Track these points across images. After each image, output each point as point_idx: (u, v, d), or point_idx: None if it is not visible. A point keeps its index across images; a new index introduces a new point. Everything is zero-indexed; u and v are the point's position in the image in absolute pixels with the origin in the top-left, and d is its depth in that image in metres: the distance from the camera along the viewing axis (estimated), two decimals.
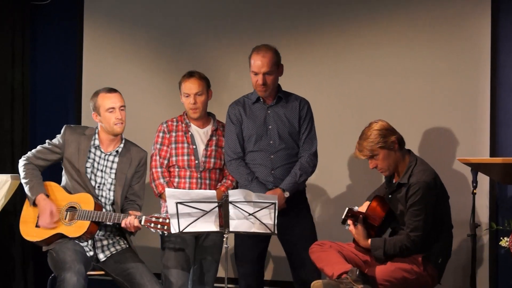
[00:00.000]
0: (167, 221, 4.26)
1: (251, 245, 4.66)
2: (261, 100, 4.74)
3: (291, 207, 4.61)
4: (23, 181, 4.56)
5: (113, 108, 4.54)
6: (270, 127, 4.70)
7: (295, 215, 4.65)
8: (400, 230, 4.32)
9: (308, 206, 4.79)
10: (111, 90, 4.60)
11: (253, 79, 4.67)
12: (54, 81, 6.31)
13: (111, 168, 4.60)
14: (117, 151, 4.62)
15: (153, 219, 4.34)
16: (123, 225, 4.40)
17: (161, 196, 4.74)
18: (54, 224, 4.44)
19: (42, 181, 4.55)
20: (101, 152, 4.60)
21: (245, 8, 5.83)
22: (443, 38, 5.33)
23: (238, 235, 4.63)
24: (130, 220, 4.36)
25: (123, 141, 4.66)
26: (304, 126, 4.71)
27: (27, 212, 4.53)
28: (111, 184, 4.58)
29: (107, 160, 4.60)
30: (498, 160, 4.64)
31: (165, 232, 4.34)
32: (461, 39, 5.29)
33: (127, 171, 4.60)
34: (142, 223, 4.36)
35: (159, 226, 4.32)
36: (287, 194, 4.58)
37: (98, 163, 4.59)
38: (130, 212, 4.46)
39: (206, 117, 4.85)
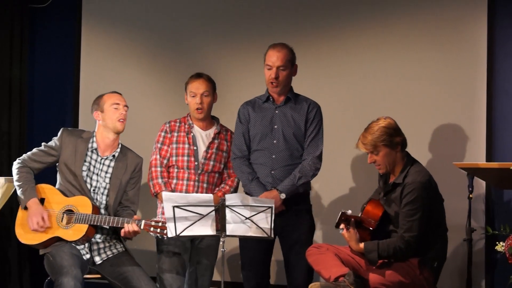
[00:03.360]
0: (166, 225, 4.26)
1: (255, 246, 4.62)
2: (271, 99, 4.71)
3: (291, 209, 4.59)
4: (16, 183, 4.54)
5: (118, 104, 4.59)
6: (275, 126, 4.66)
7: (294, 218, 4.62)
8: (394, 233, 4.31)
9: (309, 209, 4.73)
10: (116, 92, 4.68)
11: (266, 74, 4.65)
12: (52, 83, 6.31)
13: (106, 172, 4.59)
14: (113, 156, 4.62)
15: (153, 223, 4.36)
16: (122, 234, 4.41)
17: (157, 196, 4.75)
18: (43, 228, 4.42)
19: (35, 185, 4.52)
20: (98, 155, 4.60)
21: (245, 10, 5.83)
22: (440, 42, 5.34)
23: (241, 239, 4.62)
24: (129, 228, 4.37)
25: (120, 146, 4.66)
26: (310, 128, 4.67)
27: (23, 215, 4.50)
28: (105, 188, 4.57)
29: (103, 164, 4.60)
30: (494, 165, 4.65)
31: (164, 236, 4.34)
32: (457, 43, 5.30)
33: (122, 177, 4.60)
34: (142, 227, 4.37)
35: (158, 230, 4.34)
36: (283, 196, 4.54)
37: (94, 166, 4.58)
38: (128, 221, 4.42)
39: (210, 119, 4.85)
